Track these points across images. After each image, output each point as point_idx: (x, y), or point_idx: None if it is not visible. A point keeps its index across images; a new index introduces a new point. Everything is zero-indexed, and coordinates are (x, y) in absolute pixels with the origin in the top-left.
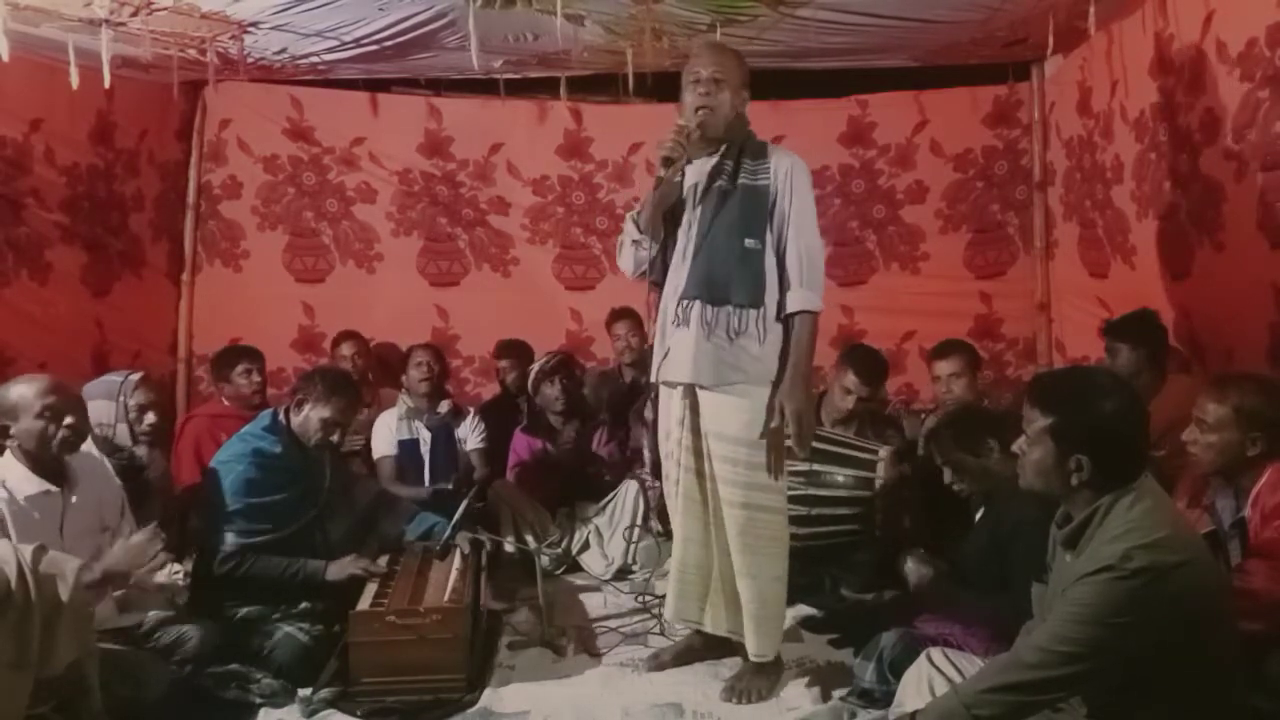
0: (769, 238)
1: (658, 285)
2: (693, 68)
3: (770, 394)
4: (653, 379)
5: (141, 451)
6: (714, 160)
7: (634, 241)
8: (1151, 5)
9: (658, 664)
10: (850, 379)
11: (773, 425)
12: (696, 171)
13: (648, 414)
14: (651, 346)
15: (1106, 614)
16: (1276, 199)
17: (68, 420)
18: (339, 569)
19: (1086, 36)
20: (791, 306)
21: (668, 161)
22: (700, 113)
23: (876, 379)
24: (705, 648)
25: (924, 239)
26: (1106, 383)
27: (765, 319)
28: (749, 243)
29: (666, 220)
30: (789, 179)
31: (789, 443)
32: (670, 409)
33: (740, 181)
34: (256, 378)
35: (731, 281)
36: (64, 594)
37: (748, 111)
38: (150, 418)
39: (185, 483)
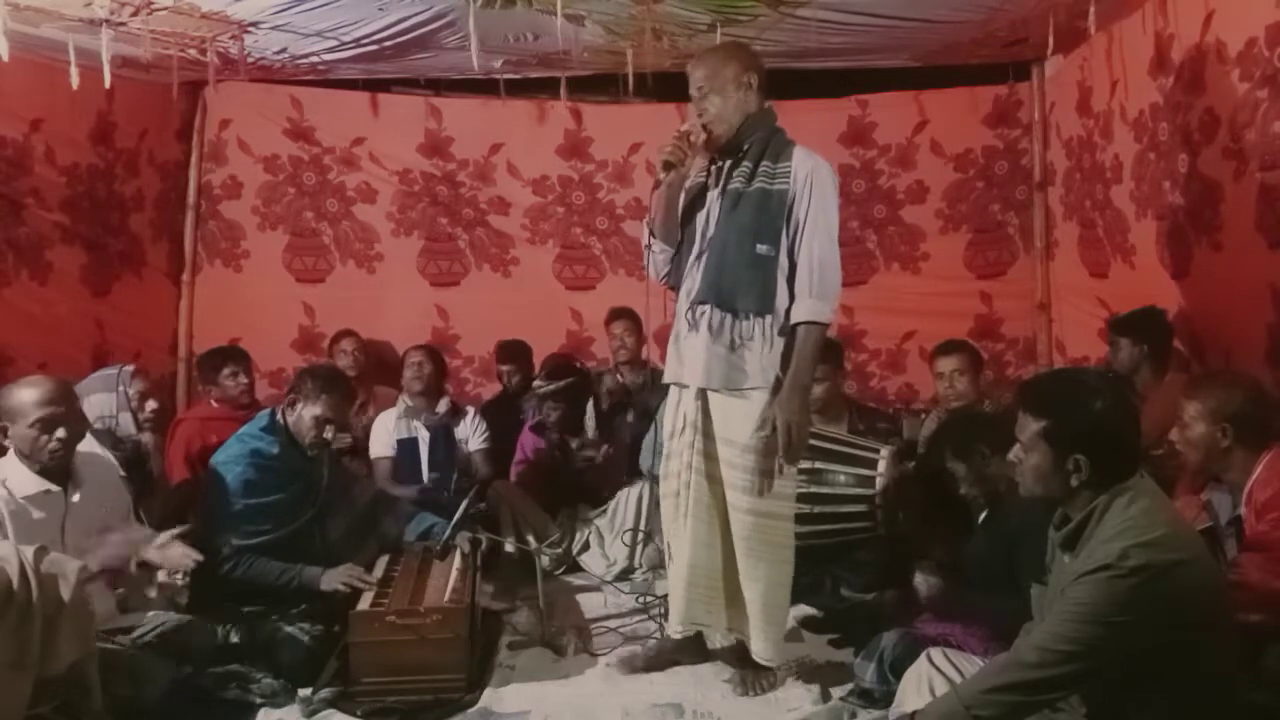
0: (783, 243)
1: (674, 288)
2: (690, 84)
3: (767, 402)
4: (665, 380)
5: (146, 439)
6: (734, 161)
7: (646, 246)
8: (1151, 5)
9: (631, 668)
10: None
11: (764, 434)
12: (717, 173)
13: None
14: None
15: (1105, 613)
16: (1276, 199)
17: (59, 433)
18: (329, 580)
19: (1086, 36)
20: (796, 317)
21: (668, 166)
22: (703, 128)
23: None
24: (678, 651)
25: (924, 239)
26: (1094, 380)
27: (774, 327)
28: (761, 248)
29: (685, 223)
30: (809, 183)
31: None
32: (681, 409)
33: (756, 184)
34: (244, 379)
35: (740, 287)
36: (65, 594)
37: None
38: (152, 404)
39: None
